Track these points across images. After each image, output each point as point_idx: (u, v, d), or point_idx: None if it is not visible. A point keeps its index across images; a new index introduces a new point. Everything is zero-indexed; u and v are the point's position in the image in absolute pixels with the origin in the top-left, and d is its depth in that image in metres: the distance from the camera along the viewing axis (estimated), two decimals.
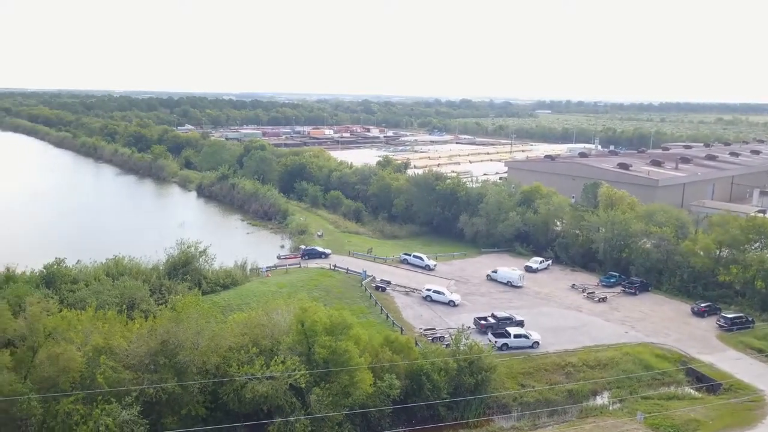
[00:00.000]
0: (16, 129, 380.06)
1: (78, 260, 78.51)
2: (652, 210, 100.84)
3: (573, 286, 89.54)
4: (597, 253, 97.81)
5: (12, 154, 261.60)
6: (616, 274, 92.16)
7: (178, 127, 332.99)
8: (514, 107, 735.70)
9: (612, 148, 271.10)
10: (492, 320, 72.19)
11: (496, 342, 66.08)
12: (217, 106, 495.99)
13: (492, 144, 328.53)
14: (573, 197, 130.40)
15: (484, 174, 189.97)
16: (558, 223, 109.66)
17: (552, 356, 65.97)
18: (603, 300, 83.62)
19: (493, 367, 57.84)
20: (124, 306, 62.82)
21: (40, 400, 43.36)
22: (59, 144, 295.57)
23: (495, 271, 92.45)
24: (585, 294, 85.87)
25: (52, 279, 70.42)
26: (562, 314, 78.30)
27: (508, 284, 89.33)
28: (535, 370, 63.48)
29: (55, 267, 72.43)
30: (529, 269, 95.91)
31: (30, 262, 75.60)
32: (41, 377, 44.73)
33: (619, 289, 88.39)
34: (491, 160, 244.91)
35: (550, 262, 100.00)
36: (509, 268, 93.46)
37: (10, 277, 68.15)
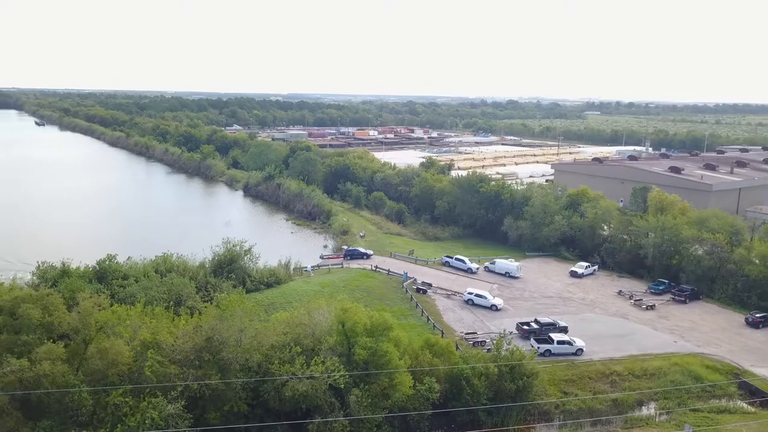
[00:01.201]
0: (73, 129, 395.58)
1: (128, 257, 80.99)
2: (704, 216, 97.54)
3: (620, 292, 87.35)
4: (645, 259, 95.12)
5: (70, 153, 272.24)
6: (666, 281, 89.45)
7: (227, 128, 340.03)
8: (562, 108, 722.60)
9: (663, 150, 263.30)
10: (535, 326, 71.07)
11: (538, 348, 65.05)
12: (265, 107, 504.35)
13: (538, 146, 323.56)
14: (621, 201, 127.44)
15: (530, 176, 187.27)
16: (605, 227, 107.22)
17: (596, 364, 64.51)
18: (651, 308, 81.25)
19: (535, 373, 56.90)
20: (171, 302, 64.54)
21: (90, 392, 44.93)
22: (114, 143, 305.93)
23: (493, 263, 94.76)
24: (632, 301, 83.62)
25: (104, 274, 72.88)
26: (607, 321, 76.46)
27: (507, 275, 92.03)
28: (579, 377, 62.18)
29: (106, 263, 74.92)
30: (574, 274, 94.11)
31: (84, 257, 78.40)
32: (92, 370, 46.36)
33: (668, 296, 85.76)
34: (537, 162, 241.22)
35: (596, 267, 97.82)
36: (507, 259, 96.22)
37: (65, 272, 70.93)
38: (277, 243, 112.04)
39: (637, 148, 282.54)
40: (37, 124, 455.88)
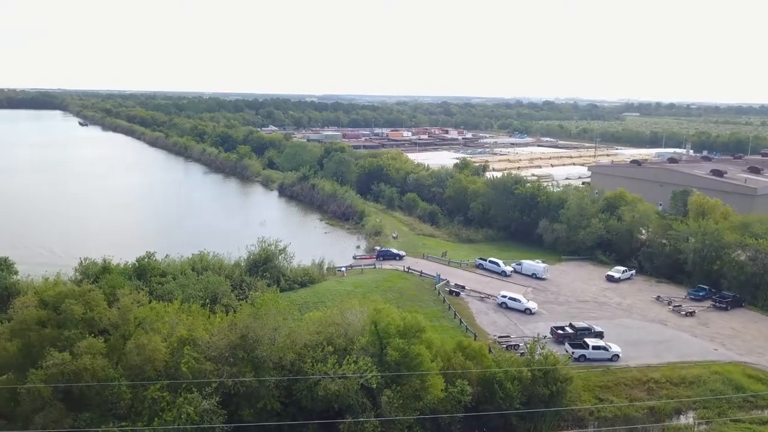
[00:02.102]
0: (115, 129, 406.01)
1: (167, 254, 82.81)
2: (748, 220, 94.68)
3: (658, 298, 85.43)
4: (685, 264, 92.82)
5: (112, 153, 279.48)
6: (706, 287, 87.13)
7: (262, 128, 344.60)
8: (600, 110, 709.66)
9: (705, 153, 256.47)
10: (569, 330, 70.08)
11: (573, 353, 64.12)
12: (300, 108, 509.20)
13: (575, 147, 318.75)
14: (660, 205, 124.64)
15: (566, 178, 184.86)
16: (643, 231, 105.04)
17: (633, 370, 63.23)
18: (691, 314, 79.24)
19: (569, 378, 56.11)
20: (207, 300, 65.80)
21: (129, 386, 46.07)
22: (153, 143, 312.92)
23: (519, 264, 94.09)
24: (671, 307, 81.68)
25: (143, 271, 74.64)
26: (644, 327, 74.85)
27: (533, 276, 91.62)
28: (614, 384, 61.06)
29: (145, 260, 76.74)
30: (610, 279, 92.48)
31: (124, 254, 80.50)
32: (130, 364, 47.52)
33: (708, 303, 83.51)
34: (574, 164, 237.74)
35: (633, 272, 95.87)
36: (533, 260, 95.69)
37: (106, 268, 72.92)
38: (311, 243, 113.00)
39: (678, 150, 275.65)
40: (80, 124, 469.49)
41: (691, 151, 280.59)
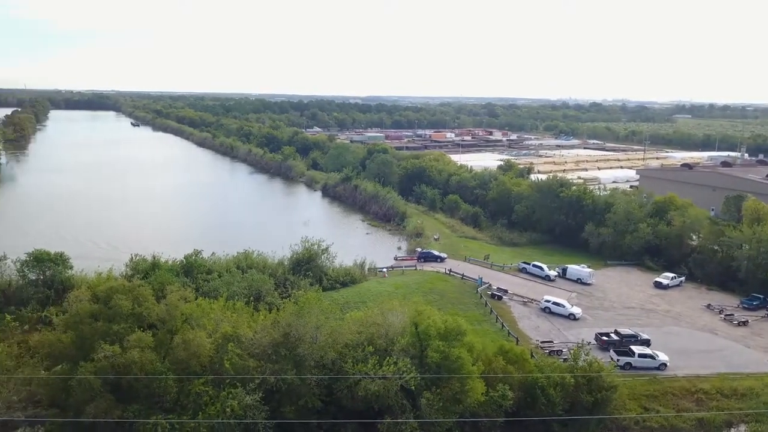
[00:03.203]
0: (165, 129, 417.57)
1: (213, 252, 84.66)
2: None
3: (708, 306, 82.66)
4: (738, 272, 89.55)
5: (163, 152, 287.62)
6: (761, 296, 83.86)
7: (307, 129, 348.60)
8: (650, 111, 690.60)
9: (761, 157, 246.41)
10: (615, 337, 68.53)
11: (618, 360, 62.71)
12: (344, 110, 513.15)
13: (623, 150, 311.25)
14: (712, 210, 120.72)
15: (614, 181, 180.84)
16: (694, 237, 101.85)
17: (681, 380, 61.37)
18: (743, 324, 76.37)
19: (614, 386, 54.85)
20: (251, 297, 66.98)
21: (175, 380, 47.32)
22: (201, 143, 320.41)
23: (564, 268, 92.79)
24: (722, 316, 78.90)
25: (190, 268, 76.55)
26: (693, 336, 72.57)
27: (578, 281, 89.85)
28: (661, 393, 59.39)
29: (193, 257, 78.72)
30: (658, 285, 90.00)
31: (172, 251, 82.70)
32: (176, 359, 48.80)
33: (763, 312, 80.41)
34: (621, 167, 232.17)
35: (682, 279, 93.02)
36: (578, 265, 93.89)
37: (155, 265, 75.24)
38: (353, 243, 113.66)
39: (732, 153, 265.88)
40: (132, 124, 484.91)
41: (746, 155, 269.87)
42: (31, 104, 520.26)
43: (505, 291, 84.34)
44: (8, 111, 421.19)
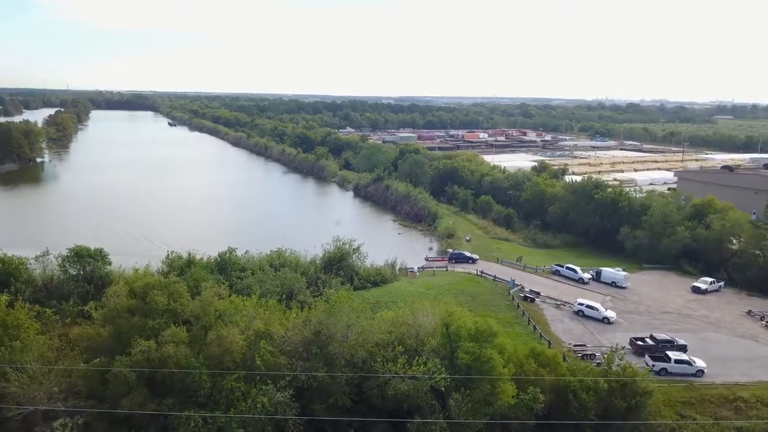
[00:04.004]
0: (201, 129, 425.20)
1: (246, 250, 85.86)
2: None
3: (749, 312, 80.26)
4: None
5: (199, 152, 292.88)
6: None
7: (340, 130, 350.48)
8: (689, 112, 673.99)
9: None
10: (650, 342, 67.10)
11: (653, 366, 61.42)
12: (376, 110, 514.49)
13: (660, 152, 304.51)
14: (754, 213, 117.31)
15: (650, 183, 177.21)
16: (734, 241, 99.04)
17: (719, 387, 59.76)
18: None
19: (649, 392, 53.70)
20: (284, 295, 67.73)
21: (208, 375, 48.15)
22: (236, 143, 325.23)
23: (598, 271, 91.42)
24: (764, 322, 76.54)
25: (225, 266, 77.75)
26: (733, 342, 70.55)
27: (613, 284, 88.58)
28: (698, 400, 57.94)
29: (227, 255, 79.91)
30: (696, 290, 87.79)
31: (207, 248, 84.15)
32: (210, 355, 49.62)
33: None
34: (659, 168, 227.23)
35: (722, 284, 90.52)
36: (612, 268, 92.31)
37: (191, 262, 76.65)
38: (384, 243, 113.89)
39: None
40: (169, 124, 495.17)
41: None
42: (74, 104, 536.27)
43: (538, 293, 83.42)
44: (52, 111, 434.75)
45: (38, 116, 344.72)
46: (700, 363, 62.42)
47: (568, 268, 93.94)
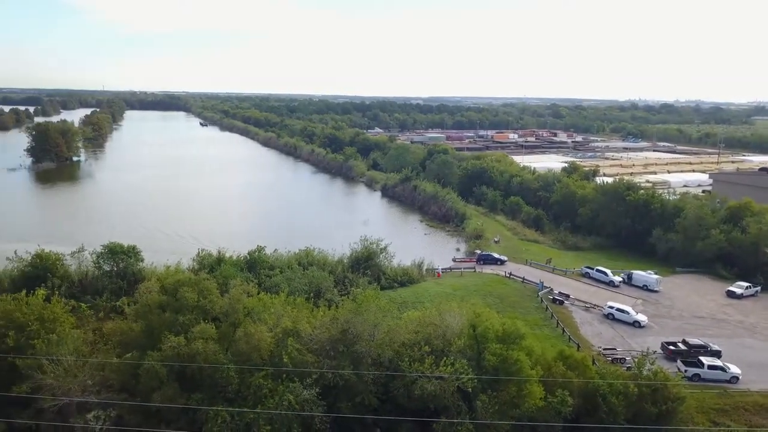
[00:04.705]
0: (231, 129, 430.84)
1: (275, 249, 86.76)
2: None
3: None
4: None
5: (229, 152, 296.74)
6: None
7: (368, 130, 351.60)
8: (725, 112, 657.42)
9: None
10: (683, 347, 65.77)
11: (686, 371, 60.17)
12: (405, 111, 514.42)
13: (695, 153, 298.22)
14: None
15: (684, 186, 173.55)
16: None
17: (755, 395, 58.21)
18: None
19: (680, 398, 52.57)
20: (311, 294, 68.15)
21: (236, 371, 48.75)
22: (265, 143, 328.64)
23: (629, 274, 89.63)
24: None
25: (254, 264, 78.66)
26: None
27: (644, 288, 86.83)
28: (733, 408, 56.53)
29: (256, 253, 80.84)
30: (731, 294, 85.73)
31: (237, 246, 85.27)
32: (238, 351, 50.22)
33: None
34: (693, 170, 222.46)
35: (758, 288, 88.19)
36: (644, 271, 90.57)
37: (221, 260, 77.78)
38: (411, 243, 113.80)
39: None
40: (201, 124, 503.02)
41: None
42: (109, 105, 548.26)
43: (567, 296, 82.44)
44: (88, 111, 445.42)
45: (75, 116, 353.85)
46: (734, 369, 60.94)
47: (598, 270, 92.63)
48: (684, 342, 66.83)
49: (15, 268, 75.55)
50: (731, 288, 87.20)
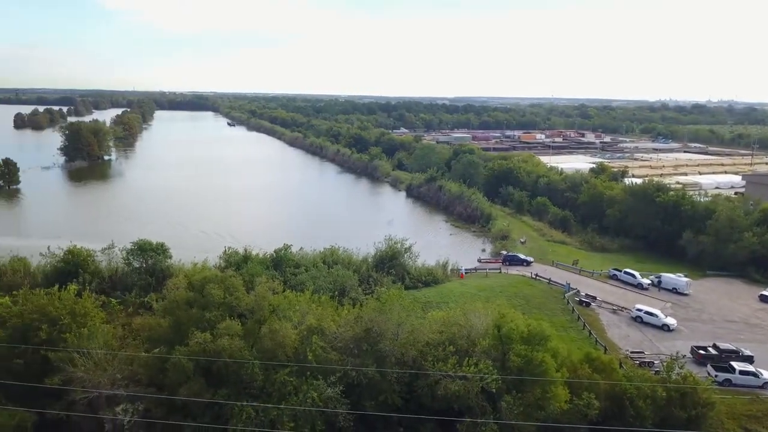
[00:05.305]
0: (258, 129, 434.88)
1: (301, 247, 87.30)
2: None
3: None
4: None
5: (257, 151, 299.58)
6: None
7: (394, 130, 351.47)
8: (760, 113, 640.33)
9: None
10: (713, 351, 64.40)
11: (716, 376, 58.96)
12: (431, 111, 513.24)
13: (728, 154, 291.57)
14: None
15: (716, 187, 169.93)
16: None
17: None
18: None
19: (710, 403, 51.45)
20: (336, 292, 68.53)
21: (261, 367, 49.17)
22: (292, 143, 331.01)
23: (658, 277, 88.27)
24: None
25: (279, 262, 79.30)
26: None
27: (674, 291, 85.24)
28: (765, 414, 55.14)
29: (282, 252, 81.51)
30: (765, 299, 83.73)
31: (263, 244, 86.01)
32: (263, 348, 50.63)
33: None
34: (725, 172, 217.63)
35: None
36: (673, 273, 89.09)
37: (247, 257, 78.57)
38: (436, 244, 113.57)
39: None
40: (228, 124, 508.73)
41: None
42: (139, 105, 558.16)
43: (594, 298, 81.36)
44: (119, 111, 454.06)
45: (106, 116, 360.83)
46: (767, 375, 59.45)
47: (626, 272, 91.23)
48: (715, 346, 65.46)
49: (48, 264, 77.54)
50: (764, 292, 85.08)
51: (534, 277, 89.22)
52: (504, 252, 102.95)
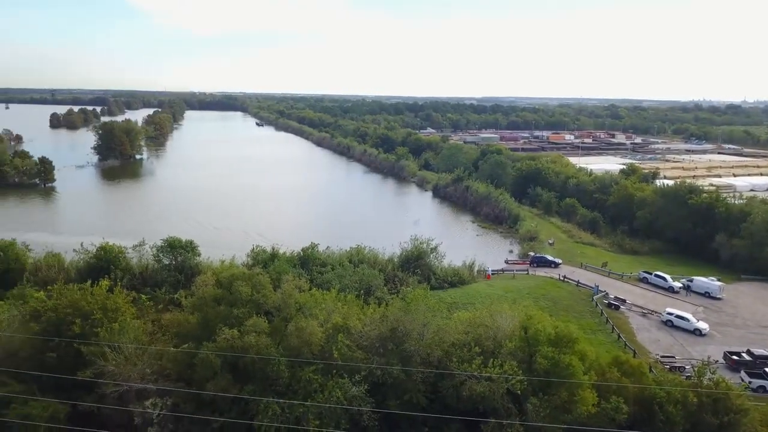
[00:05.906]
0: (286, 129, 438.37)
1: (327, 246, 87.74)
2: None
3: None
4: None
5: (285, 151, 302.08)
6: None
7: (420, 131, 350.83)
8: None
9: None
10: (747, 357, 62.83)
11: (750, 382, 57.50)
12: (458, 111, 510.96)
13: (764, 156, 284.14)
14: None
15: (751, 189, 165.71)
16: None
17: None
18: None
19: (744, 410, 50.13)
20: (362, 291, 68.65)
21: (287, 364, 49.56)
22: (319, 143, 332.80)
23: (690, 280, 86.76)
24: None
25: (306, 260, 79.84)
26: None
27: (706, 295, 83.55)
28: None
29: (309, 250, 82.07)
30: None
31: (290, 243, 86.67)
32: (289, 345, 51.02)
33: None
34: (761, 174, 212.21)
35: None
36: (706, 277, 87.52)
37: (274, 256, 79.29)
38: (462, 244, 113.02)
39: None
40: (257, 124, 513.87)
41: None
42: (170, 105, 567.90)
43: (623, 301, 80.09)
44: (151, 111, 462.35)
45: (138, 116, 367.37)
46: None
47: (656, 275, 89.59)
48: (749, 352, 63.87)
49: (81, 260, 79.37)
50: None
51: (562, 279, 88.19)
52: (532, 253, 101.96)
